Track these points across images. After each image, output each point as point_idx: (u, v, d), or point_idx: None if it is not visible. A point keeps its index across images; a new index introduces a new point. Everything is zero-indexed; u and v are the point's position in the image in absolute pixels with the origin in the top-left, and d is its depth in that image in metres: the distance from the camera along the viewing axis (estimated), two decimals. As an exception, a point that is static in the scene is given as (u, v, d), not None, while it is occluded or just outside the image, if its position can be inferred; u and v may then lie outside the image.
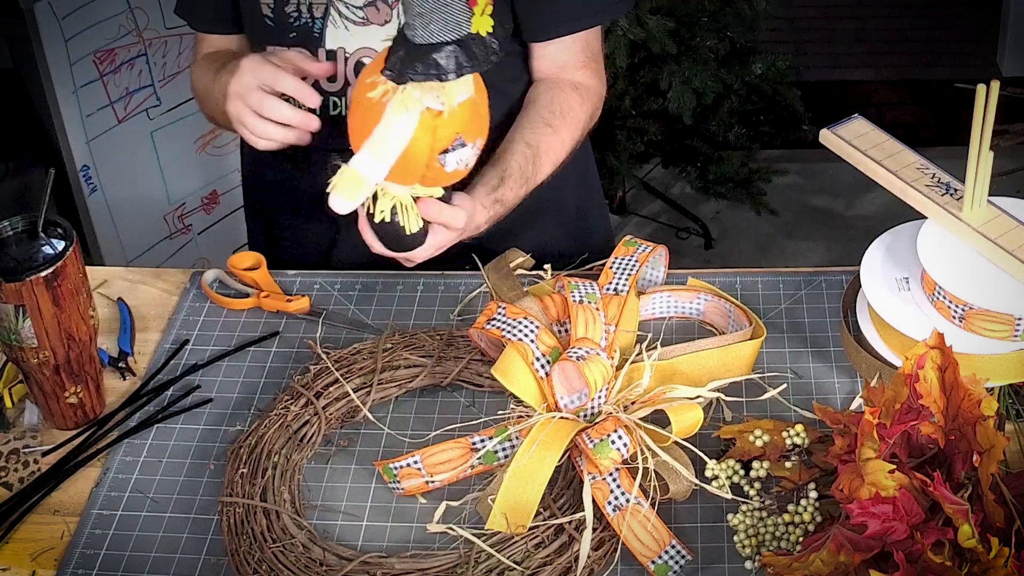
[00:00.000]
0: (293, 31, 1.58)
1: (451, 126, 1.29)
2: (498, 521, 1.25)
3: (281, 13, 1.58)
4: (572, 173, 1.76)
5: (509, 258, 1.58)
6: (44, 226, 1.35)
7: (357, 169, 1.29)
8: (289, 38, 1.58)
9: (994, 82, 1.27)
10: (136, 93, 2.78)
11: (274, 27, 1.59)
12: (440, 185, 1.37)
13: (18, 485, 1.37)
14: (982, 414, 1.15)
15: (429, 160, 1.30)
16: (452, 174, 1.34)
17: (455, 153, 1.31)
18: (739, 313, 1.46)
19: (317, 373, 1.44)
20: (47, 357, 1.37)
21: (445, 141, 1.30)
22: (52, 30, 2.58)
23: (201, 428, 1.43)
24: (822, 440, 1.30)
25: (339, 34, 1.57)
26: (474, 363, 1.45)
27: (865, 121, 1.45)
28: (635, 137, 3.15)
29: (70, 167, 2.70)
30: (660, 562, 1.22)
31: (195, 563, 1.27)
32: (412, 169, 1.31)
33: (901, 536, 1.12)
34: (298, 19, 1.57)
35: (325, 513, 1.32)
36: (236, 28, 1.68)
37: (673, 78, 2.96)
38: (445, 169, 1.32)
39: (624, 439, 1.26)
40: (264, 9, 1.59)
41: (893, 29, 4.32)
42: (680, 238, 3.48)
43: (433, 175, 1.33)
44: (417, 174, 1.32)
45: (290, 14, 1.57)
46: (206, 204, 2.98)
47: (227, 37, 1.70)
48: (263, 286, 1.60)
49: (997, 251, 1.33)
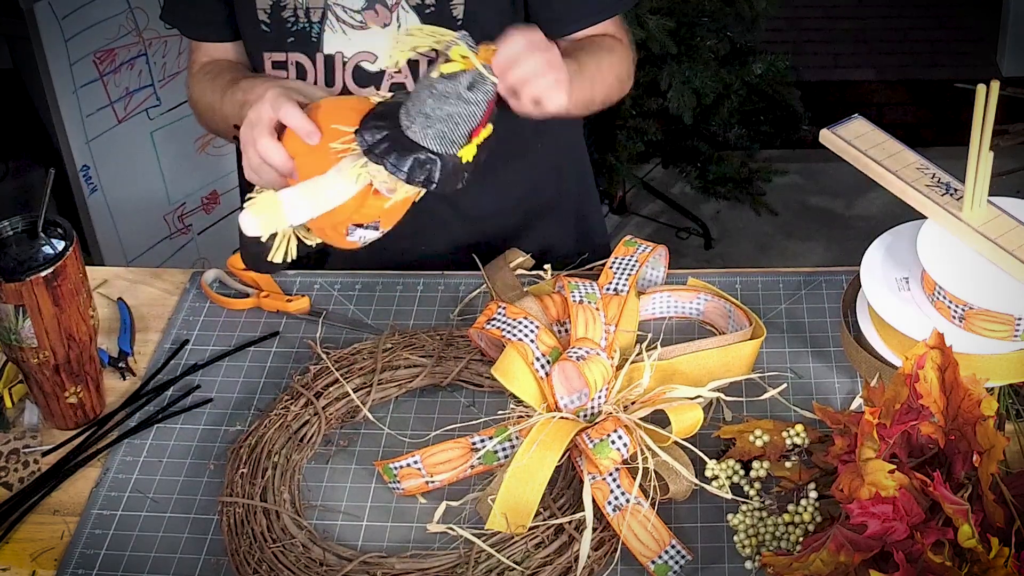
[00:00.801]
0: (291, 36, 1.57)
1: (378, 210, 1.28)
2: (498, 521, 1.25)
3: (278, 19, 1.57)
4: (572, 173, 1.76)
5: (509, 258, 1.58)
6: (44, 226, 1.35)
7: (284, 202, 1.26)
8: (287, 43, 1.57)
9: (994, 82, 1.27)
10: (136, 93, 2.78)
11: (271, 33, 1.58)
12: (324, 241, 1.35)
13: (18, 485, 1.37)
14: (982, 414, 1.15)
15: (340, 223, 1.29)
16: (347, 243, 1.32)
17: (364, 231, 1.30)
18: (739, 313, 1.46)
19: (317, 373, 1.44)
20: (47, 357, 1.37)
21: (366, 218, 1.28)
22: (52, 30, 2.58)
23: (201, 428, 1.43)
24: (822, 440, 1.30)
25: (337, 39, 1.56)
26: (474, 363, 1.45)
27: (865, 121, 1.45)
28: (635, 137, 3.15)
29: (70, 167, 2.70)
30: (660, 562, 1.22)
31: (195, 563, 1.27)
32: (321, 218, 1.29)
33: (901, 536, 1.12)
34: (295, 24, 1.56)
35: (325, 513, 1.32)
36: (231, 34, 1.64)
37: (673, 78, 2.96)
38: (346, 237, 1.31)
39: (624, 439, 1.26)
40: (260, 15, 1.57)
41: (893, 29, 4.32)
42: (680, 238, 3.48)
43: (330, 233, 1.32)
44: (320, 223, 1.31)
45: (287, 19, 1.56)
46: (206, 204, 2.98)
47: (222, 44, 1.66)
48: (263, 286, 1.60)
49: (997, 251, 1.33)
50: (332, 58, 1.57)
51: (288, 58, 1.58)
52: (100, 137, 2.73)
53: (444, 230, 1.67)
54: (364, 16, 1.55)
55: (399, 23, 1.54)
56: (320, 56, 1.57)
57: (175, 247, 2.96)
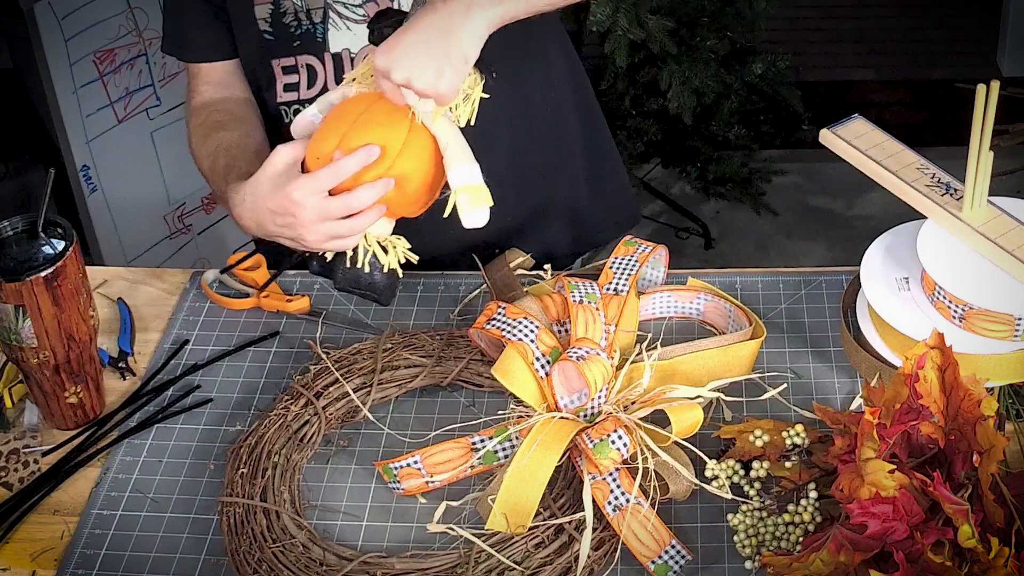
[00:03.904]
0: (296, 40, 1.57)
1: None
2: (498, 521, 1.25)
3: (280, 25, 1.57)
4: (572, 173, 1.76)
5: (509, 258, 1.58)
6: (44, 226, 1.35)
7: (470, 182, 1.29)
8: (294, 47, 1.57)
9: (994, 82, 1.27)
10: (136, 93, 2.78)
11: (275, 40, 1.58)
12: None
13: (18, 485, 1.37)
14: (982, 414, 1.15)
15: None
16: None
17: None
18: (739, 313, 1.46)
19: (317, 373, 1.44)
20: (47, 357, 1.37)
21: None
22: (52, 30, 2.58)
23: (201, 428, 1.43)
24: (822, 440, 1.30)
25: (342, 35, 1.56)
26: (474, 363, 1.45)
27: (865, 121, 1.45)
28: (635, 137, 3.15)
29: (70, 167, 2.70)
30: (660, 562, 1.22)
31: (195, 563, 1.27)
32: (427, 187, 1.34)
33: (901, 536, 1.12)
34: (298, 28, 1.56)
35: (325, 513, 1.32)
36: (232, 52, 1.64)
37: (673, 78, 2.96)
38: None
39: (624, 439, 1.26)
40: (262, 25, 1.57)
41: (893, 29, 4.32)
42: (680, 238, 3.48)
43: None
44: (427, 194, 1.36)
45: (289, 24, 1.56)
46: (206, 204, 2.98)
47: (222, 65, 1.65)
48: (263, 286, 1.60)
49: (997, 251, 1.33)
50: (340, 56, 1.57)
51: (297, 61, 1.58)
52: (100, 137, 2.73)
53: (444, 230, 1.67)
54: (366, 9, 1.55)
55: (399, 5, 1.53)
56: (328, 55, 1.57)
57: (175, 247, 2.96)
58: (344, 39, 1.56)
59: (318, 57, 1.57)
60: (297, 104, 1.59)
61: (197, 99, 1.66)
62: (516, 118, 1.61)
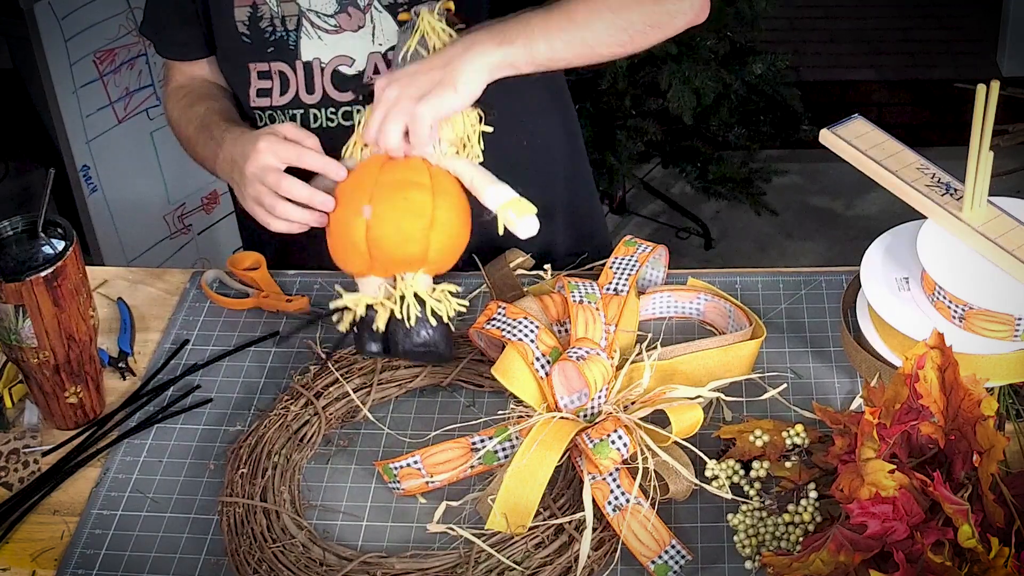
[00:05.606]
0: (271, 46, 1.57)
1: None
2: (498, 521, 1.25)
3: (256, 29, 1.57)
4: (571, 174, 1.76)
5: (509, 258, 1.58)
6: (44, 226, 1.35)
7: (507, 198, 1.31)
8: (268, 53, 1.58)
9: (994, 82, 1.27)
10: (136, 93, 2.78)
11: (251, 44, 1.58)
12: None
13: (18, 485, 1.37)
14: (982, 414, 1.15)
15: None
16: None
17: None
18: (739, 313, 1.46)
19: (317, 373, 1.44)
20: (47, 357, 1.37)
21: None
22: (52, 30, 2.58)
23: (201, 428, 1.43)
24: (822, 440, 1.30)
25: (313, 44, 1.57)
26: (474, 363, 1.45)
27: (865, 121, 1.45)
28: (635, 137, 3.15)
29: (70, 167, 2.70)
30: (660, 562, 1.22)
31: (195, 563, 1.27)
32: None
33: (901, 536, 1.12)
34: (273, 34, 1.57)
35: (325, 513, 1.32)
36: (209, 51, 1.65)
37: (673, 78, 2.96)
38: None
39: (624, 439, 1.26)
40: (240, 27, 1.58)
41: (893, 29, 4.32)
42: (680, 238, 3.48)
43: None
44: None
45: (265, 29, 1.57)
46: (206, 204, 2.98)
47: (197, 62, 1.67)
48: (263, 286, 1.60)
49: (997, 251, 1.33)
50: (310, 65, 1.57)
51: (271, 67, 1.58)
52: (100, 137, 2.73)
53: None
54: (337, 20, 1.55)
55: (373, 24, 1.54)
56: (299, 64, 1.57)
57: (175, 247, 2.96)
58: (315, 48, 1.56)
59: (290, 65, 1.57)
60: (271, 110, 1.59)
61: (173, 84, 1.69)
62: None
